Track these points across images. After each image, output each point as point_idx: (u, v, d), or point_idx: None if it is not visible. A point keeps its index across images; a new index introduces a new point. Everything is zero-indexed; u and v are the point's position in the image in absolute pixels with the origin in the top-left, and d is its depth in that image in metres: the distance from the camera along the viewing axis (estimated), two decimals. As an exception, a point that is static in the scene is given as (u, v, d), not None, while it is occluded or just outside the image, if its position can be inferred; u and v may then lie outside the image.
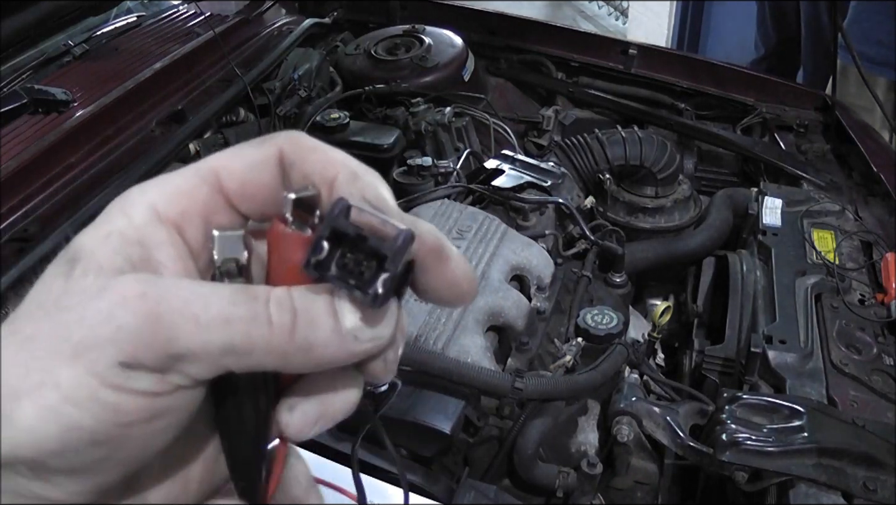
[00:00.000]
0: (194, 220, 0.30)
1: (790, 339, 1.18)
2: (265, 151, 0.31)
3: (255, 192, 0.31)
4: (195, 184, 0.30)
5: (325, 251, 0.28)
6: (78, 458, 0.27)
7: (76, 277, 0.28)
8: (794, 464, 0.97)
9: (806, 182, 1.63)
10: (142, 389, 0.27)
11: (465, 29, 2.10)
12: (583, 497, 1.16)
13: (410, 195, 1.55)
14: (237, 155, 0.31)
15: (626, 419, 1.14)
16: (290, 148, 0.31)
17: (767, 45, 3.27)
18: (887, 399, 1.09)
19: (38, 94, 1.41)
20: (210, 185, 0.31)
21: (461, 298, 0.32)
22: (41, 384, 0.26)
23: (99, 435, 0.27)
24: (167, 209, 0.30)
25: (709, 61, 2.07)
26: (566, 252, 1.51)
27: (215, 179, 0.30)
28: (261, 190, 0.31)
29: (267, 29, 2.09)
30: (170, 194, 0.30)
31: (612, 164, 1.68)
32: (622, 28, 4.87)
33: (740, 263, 1.39)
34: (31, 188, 1.36)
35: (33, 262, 1.19)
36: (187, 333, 0.27)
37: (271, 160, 0.31)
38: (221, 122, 1.75)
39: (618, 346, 1.20)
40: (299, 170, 0.31)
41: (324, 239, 0.28)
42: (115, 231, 0.29)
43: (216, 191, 0.31)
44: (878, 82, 2.24)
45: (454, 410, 1.09)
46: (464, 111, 1.89)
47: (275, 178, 0.31)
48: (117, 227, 0.29)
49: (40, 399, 0.26)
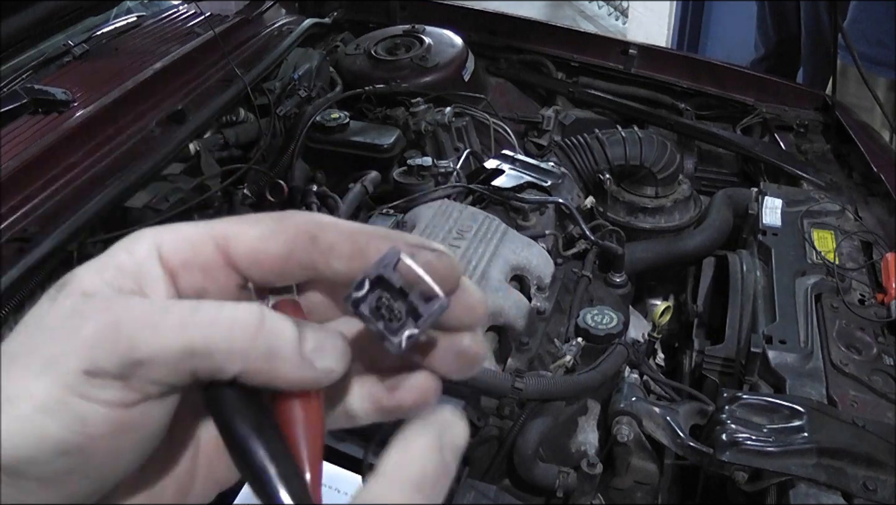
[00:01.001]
0: (193, 272, 0.32)
1: (790, 339, 1.18)
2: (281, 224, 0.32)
3: (263, 260, 0.32)
4: (204, 240, 0.32)
5: (366, 290, 0.30)
6: (48, 467, 0.28)
7: (59, 300, 0.30)
8: (794, 464, 0.97)
9: (806, 182, 1.63)
10: (108, 398, 0.28)
11: (465, 29, 2.10)
12: (583, 497, 1.16)
13: (410, 195, 1.55)
14: (254, 222, 0.32)
15: (626, 419, 1.14)
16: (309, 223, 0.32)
17: (767, 45, 3.27)
18: (887, 399, 1.09)
19: (38, 94, 1.41)
20: (218, 246, 0.32)
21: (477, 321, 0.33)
22: (16, 396, 0.28)
23: (67, 444, 0.28)
24: (171, 255, 0.31)
25: (709, 61, 2.07)
26: (566, 252, 1.51)
27: (224, 242, 0.32)
28: (269, 260, 0.32)
29: (267, 29, 2.09)
30: (177, 241, 0.32)
31: (612, 164, 1.69)
32: (622, 28, 4.88)
33: (740, 263, 1.39)
34: (31, 188, 1.36)
35: (33, 262, 1.19)
36: (146, 337, 0.28)
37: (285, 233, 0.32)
38: (221, 122, 1.75)
39: (618, 346, 1.20)
40: (325, 241, 0.32)
41: (368, 279, 0.30)
42: (112, 265, 0.31)
43: (222, 252, 0.32)
44: (878, 82, 2.24)
45: (454, 410, 1.09)
46: (464, 111, 1.89)
47: (285, 251, 0.32)
48: (116, 262, 0.31)
49: (15, 409, 0.28)
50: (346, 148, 1.74)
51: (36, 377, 0.28)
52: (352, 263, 0.32)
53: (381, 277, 0.30)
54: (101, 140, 1.53)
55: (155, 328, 0.28)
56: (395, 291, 0.30)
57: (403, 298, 0.30)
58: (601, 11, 5.22)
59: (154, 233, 0.32)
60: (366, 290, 0.30)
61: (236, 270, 0.32)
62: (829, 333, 1.19)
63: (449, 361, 0.33)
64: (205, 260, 0.32)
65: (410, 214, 1.47)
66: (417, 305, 0.30)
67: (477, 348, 0.33)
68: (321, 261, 0.32)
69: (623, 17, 4.95)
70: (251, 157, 1.71)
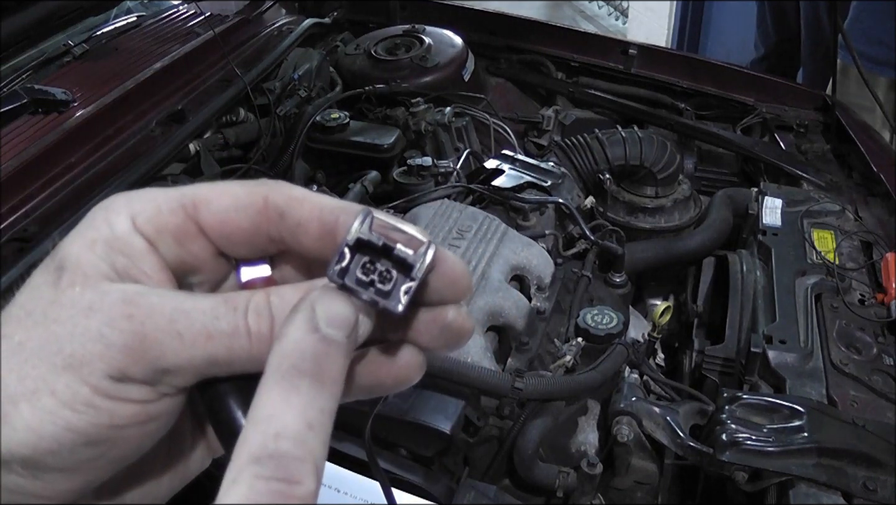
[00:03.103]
0: (167, 240, 0.32)
1: (790, 339, 1.18)
2: (250, 198, 0.32)
3: (231, 232, 0.32)
4: (174, 208, 0.32)
5: (348, 259, 0.29)
6: (73, 456, 0.29)
7: (63, 286, 0.30)
8: (794, 464, 0.97)
9: (806, 182, 1.63)
10: (134, 397, 0.29)
11: (465, 29, 2.10)
12: (583, 497, 1.16)
13: (410, 195, 1.55)
14: (224, 193, 0.32)
15: (626, 419, 1.14)
16: (279, 198, 0.32)
17: (767, 45, 3.27)
18: (887, 399, 1.09)
19: (38, 94, 1.41)
20: (187, 214, 0.32)
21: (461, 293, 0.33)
22: (36, 390, 0.28)
23: (94, 437, 0.29)
24: (144, 225, 0.31)
25: (709, 61, 2.07)
26: (566, 252, 1.51)
27: (194, 210, 0.32)
28: (237, 233, 0.32)
29: (267, 29, 2.09)
30: (150, 211, 0.31)
31: (612, 164, 1.68)
32: (622, 28, 4.87)
33: (740, 262, 1.39)
34: (31, 188, 1.36)
35: (33, 262, 1.18)
36: (172, 350, 0.29)
37: (254, 207, 0.32)
38: (221, 122, 1.75)
39: (618, 346, 1.20)
40: (293, 218, 0.32)
41: (346, 247, 0.29)
42: (99, 239, 0.31)
43: (192, 220, 0.32)
44: (878, 82, 2.24)
45: (454, 410, 1.09)
46: (464, 111, 1.89)
47: (253, 225, 0.32)
48: (102, 236, 0.31)
49: (38, 403, 0.28)
50: (346, 148, 1.74)
51: (58, 374, 0.28)
52: (321, 242, 0.31)
53: (360, 241, 0.29)
54: (101, 140, 1.53)
55: (181, 339, 0.29)
56: (377, 250, 0.29)
57: (388, 256, 0.29)
58: (601, 11, 5.22)
59: (127, 201, 0.32)
60: (347, 259, 0.29)
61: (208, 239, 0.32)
62: (829, 333, 1.19)
63: (434, 336, 0.33)
64: (176, 228, 0.32)
65: (410, 214, 1.47)
66: (405, 256, 0.29)
67: (462, 321, 0.33)
68: (290, 238, 0.32)
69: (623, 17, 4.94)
70: (251, 157, 1.71)
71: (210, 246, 0.32)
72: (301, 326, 0.29)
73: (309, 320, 0.29)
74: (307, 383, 0.28)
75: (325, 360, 0.28)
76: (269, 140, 1.77)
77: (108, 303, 0.29)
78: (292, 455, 0.26)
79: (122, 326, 0.28)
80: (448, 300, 0.32)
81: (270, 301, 0.30)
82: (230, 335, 0.29)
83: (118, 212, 0.31)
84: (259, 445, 0.26)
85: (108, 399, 0.28)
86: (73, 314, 0.29)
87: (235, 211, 0.32)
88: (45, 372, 0.28)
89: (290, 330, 0.29)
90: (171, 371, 0.29)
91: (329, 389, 0.28)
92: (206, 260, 0.33)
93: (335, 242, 0.30)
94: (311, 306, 0.29)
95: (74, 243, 0.31)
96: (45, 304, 0.29)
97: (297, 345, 0.28)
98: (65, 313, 0.29)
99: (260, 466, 0.26)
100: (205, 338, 0.29)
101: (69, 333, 0.28)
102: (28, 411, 0.28)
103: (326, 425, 0.28)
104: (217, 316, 0.29)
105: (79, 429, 0.28)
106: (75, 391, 0.28)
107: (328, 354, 0.28)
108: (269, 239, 0.32)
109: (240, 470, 0.26)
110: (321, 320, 0.29)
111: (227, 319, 0.29)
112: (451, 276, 0.32)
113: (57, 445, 0.28)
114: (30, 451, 0.28)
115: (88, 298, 0.29)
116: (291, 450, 0.26)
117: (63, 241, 0.31)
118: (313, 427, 0.27)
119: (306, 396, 0.27)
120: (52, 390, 0.28)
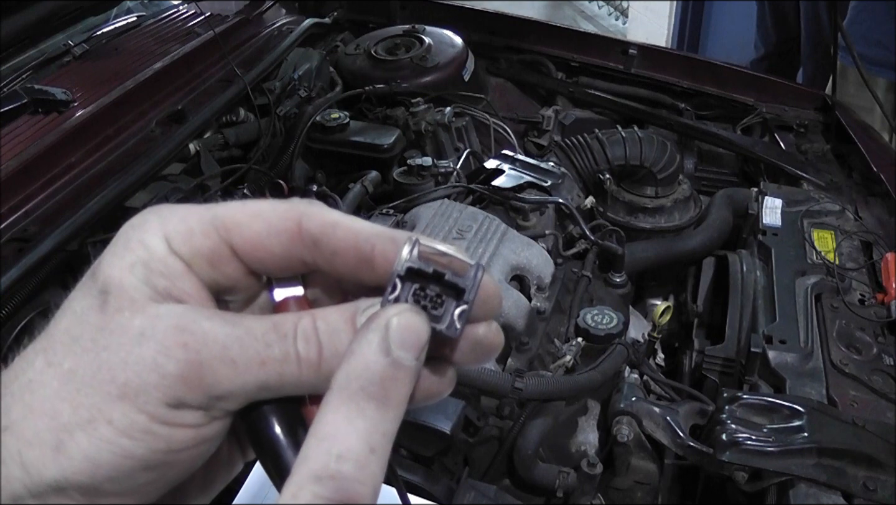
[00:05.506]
0: (201, 263, 0.32)
1: (790, 339, 1.18)
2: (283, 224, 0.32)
3: (264, 257, 0.32)
4: (207, 230, 0.32)
5: (399, 289, 0.30)
6: (130, 481, 0.29)
7: (111, 311, 0.30)
8: (794, 464, 0.97)
9: (806, 182, 1.63)
10: (189, 422, 0.30)
11: (465, 29, 2.10)
12: (583, 497, 1.16)
13: (410, 195, 1.55)
14: (256, 217, 0.32)
15: (626, 419, 1.13)
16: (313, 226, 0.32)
17: (767, 45, 3.28)
18: (887, 399, 1.09)
19: (38, 94, 1.41)
20: (220, 237, 0.32)
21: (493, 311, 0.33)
22: (92, 420, 0.28)
23: (151, 462, 0.29)
24: (180, 247, 0.31)
25: (709, 61, 2.07)
26: (566, 252, 1.51)
27: (226, 233, 0.32)
28: (270, 258, 0.32)
29: (267, 29, 2.09)
30: (183, 233, 0.31)
31: (612, 164, 1.69)
32: (622, 28, 4.87)
33: (740, 262, 1.39)
34: (31, 188, 1.36)
35: (33, 262, 1.19)
36: (227, 377, 0.29)
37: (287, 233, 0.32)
38: (221, 122, 1.75)
39: (618, 346, 1.20)
40: (328, 247, 0.32)
41: (398, 277, 0.30)
42: (138, 262, 0.31)
43: (225, 243, 0.32)
44: (878, 82, 2.24)
45: (454, 410, 1.09)
46: (464, 111, 1.89)
47: (286, 251, 0.32)
48: (140, 258, 0.31)
49: (94, 432, 0.28)
50: (346, 148, 1.74)
51: (113, 403, 0.28)
52: (356, 269, 0.32)
53: (410, 270, 0.30)
54: (101, 140, 1.53)
55: (234, 366, 0.29)
56: (427, 277, 0.30)
57: (437, 281, 0.30)
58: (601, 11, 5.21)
59: (160, 221, 0.31)
60: (399, 289, 0.30)
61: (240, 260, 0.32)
62: (829, 333, 1.19)
63: (466, 351, 0.33)
64: (210, 252, 0.32)
65: (410, 214, 1.47)
66: (455, 281, 0.30)
67: (493, 337, 0.33)
68: (324, 265, 0.32)
69: (623, 17, 4.94)
70: (251, 157, 1.71)
71: (242, 266, 0.33)
72: (373, 346, 0.29)
73: (381, 341, 0.29)
74: (373, 407, 0.28)
75: (393, 384, 0.29)
76: (269, 140, 1.77)
77: (160, 330, 0.29)
78: (353, 478, 0.27)
79: (178, 355, 0.29)
80: (480, 318, 0.32)
81: (317, 326, 0.30)
82: (281, 362, 0.30)
83: (153, 233, 0.31)
84: (321, 465, 0.27)
85: (165, 426, 0.29)
86: (124, 342, 0.29)
87: (268, 237, 0.32)
88: (100, 401, 0.28)
89: (362, 349, 0.29)
90: (225, 397, 0.29)
91: (393, 412, 0.29)
92: (238, 280, 0.33)
93: (371, 269, 0.31)
94: (384, 325, 0.29)
95: (114, 266, 0.31)
96: (93, 330, 0.29)
97: (367, 366, 0.28)
98: (115, 340, 0.29)
99: (320, 486, 0.26)
100: (258, 365, 0.29)
101: (122, 361, 0.29)
102: (85, 440, 0.28)
103: (387, 449, 0.28)
104: (269, 343, 0.30)
105: (137, 455, 0.29)
106: (132, 420, 0.28)
107: (396, 378, 0.29)
108: (302, 264, 0.32)
109: (300, 486, 0.27)
110: (394, 342, 0.29)
111: (278, 346, 0.30)
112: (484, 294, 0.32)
113: (115, 472, 0.29)
114: (87, 479, 0.28)
115: (139, 323, 0.29)
116: (353, 473, 0.27)
117: (100, 263, 0.31)
118: (375, 451, 0.28)
119: (371, 420, 0.28)
120: (109, 420, 0.28)
